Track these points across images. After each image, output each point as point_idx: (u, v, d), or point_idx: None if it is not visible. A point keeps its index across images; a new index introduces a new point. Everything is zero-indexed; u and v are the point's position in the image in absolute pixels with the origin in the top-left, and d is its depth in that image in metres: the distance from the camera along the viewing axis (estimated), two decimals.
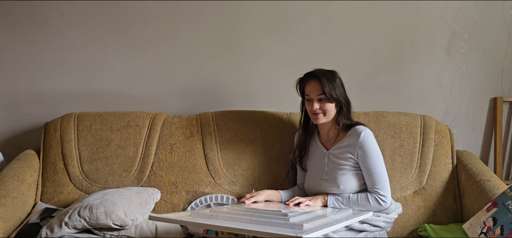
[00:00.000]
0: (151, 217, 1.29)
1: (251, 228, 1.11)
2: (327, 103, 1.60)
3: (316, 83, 1.59)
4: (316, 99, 1.60)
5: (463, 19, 2.13)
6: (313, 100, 1.60)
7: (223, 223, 1.17)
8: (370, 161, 1.58)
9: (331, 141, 1.68)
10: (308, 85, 1.63)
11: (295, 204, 1.57)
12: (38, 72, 2.15)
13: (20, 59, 2.13)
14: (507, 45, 2.16)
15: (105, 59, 2.15)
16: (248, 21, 2.14)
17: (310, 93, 1.61)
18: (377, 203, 1.56)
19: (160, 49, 2.16)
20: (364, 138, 1.59)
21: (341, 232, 1.48)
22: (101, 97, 2.17)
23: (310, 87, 1.61)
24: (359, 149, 1.58)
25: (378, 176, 1.58)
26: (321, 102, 1.60)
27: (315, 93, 1.60)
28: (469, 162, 1.86)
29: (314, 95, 1.60)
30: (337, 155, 1.63)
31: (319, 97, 1.59)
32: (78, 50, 2.14)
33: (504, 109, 2.23)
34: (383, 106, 2.13)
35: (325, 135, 1.70)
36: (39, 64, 2.14)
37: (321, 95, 1.58)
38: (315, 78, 1.60)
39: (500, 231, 1.44)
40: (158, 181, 1.90)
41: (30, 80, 2.15)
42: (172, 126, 1.96)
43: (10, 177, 1.77)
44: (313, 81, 1.61)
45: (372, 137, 1.62)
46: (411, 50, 2.17)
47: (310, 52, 2.16)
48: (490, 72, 2.19)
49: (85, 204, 1.61)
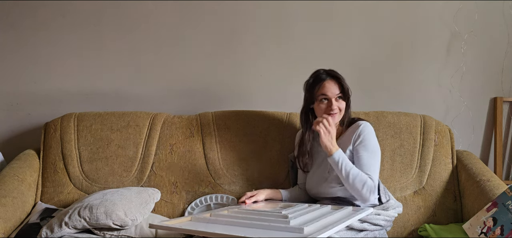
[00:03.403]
0: (151, 225, 1.29)
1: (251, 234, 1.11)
2: (342, 101, 1.61)
3: (335, 83, 1.60)
4: (335, 98, 1.59)
5: (463, 19, 2.14)
6: (330, 99, 1.59)
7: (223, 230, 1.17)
8: (366, 152, 1.56)
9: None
10: (325, 85, 1.60)
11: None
12: (38, 72, 2.15)
13: (20, 60, 2.13)
14: (507, 45, 2.16)
15: (105, 59, 2.15)
16: (248, 21, 2.14)
17: (327, 92, 1.59)
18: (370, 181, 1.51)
19: (160, 49, 2.16)
20: (363, 131, 1.59)
21: (342, 232, 1.48)
22: (101, 97, 2.17)
23: (328, 87, 1.59)
24: (355, 141, 1.59)
25: (374, 167, 1.55)
26: (338, 101, 1.60)
27: (334, 92, 1.59)
28: (469, 162, 1.86)
29: (333, 94, 1.59)
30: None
31: (338, 95, 1.60)
32: (78, 50, 2.14)
33: (504, 109, 2.23)
34: (383, 106, 2.13)
35: None
36: (39, 64, 2.14)
37: (340, 93, 1.59)
38: (333, 78, 1.60)
39: (500, 231, 1.44)
40: (158, 181, 1.90)
41: (30, 80, 2.15)
42: (172, 126, 1.96)
43: (10, 177, 1.77)
44: (331, 81, 1.60)
45: (371, 129, 1.62)
46: (411, 50, 2.18)
47: (310, 52, 2.16)
48: (490, 72, 2.19)
49: (85, 204, 1.61)
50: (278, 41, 2.16)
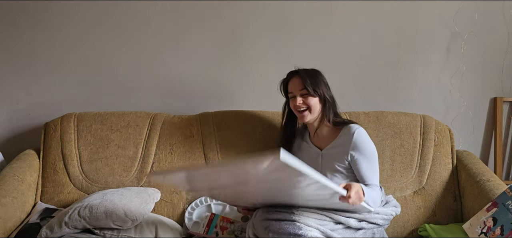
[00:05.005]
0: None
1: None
2: (310, 97, 1.62)
3: (298, 79, 1.64)
4: (298, 94, 1.63)
5: (463, 19, 2.14)
6: (295, 96, 1.64)
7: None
8: (366, 162, 1.57)
9: (324, 141, 1.67)
10: (290, 83, 1.67)
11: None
12: (38, 72, 2.14)
13: (20, 59, 2.13)
14: (507, 45, 2.16)
15: (105, 59, 2.15)
16: (248, 21, 2.14)
17: (292, 90, 1.65)
18: (382, 192, 1.61)
19: (160, 49, 2.15)
20: (358, 139, 1.57)
21: (339, 230, 1.48)
22: (101, 97, 2.17)
23: (292, 84, 1.66)
24: (352, 150, 1.57)
25: (375, 173, 1.58)
26: (304, 98, 1.63)
27: (297, 88, 1.63)
28: (469, 162, 1.86)
29: (296, 90, 1.64)
30: (331, 155, 1.63)
31: (301, 92, 1.62)
32: (78, 50, 2.14)
33: (504, 109, 2.23)
34: (383, 106, 2.13)
35: (316, 134, 1.70)
36: (39, 64, 2.14)
37: (303, 89, 1.62)
38: (296, 75, 1.65)
39: (500, 231, 1.44)
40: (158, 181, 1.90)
41: (30, 80, 2.15)
42: (172, 126, 1.96)
43: (10, 177, 1.77)
44: (295, 78, 1.66)
45: (365, 135, 1.60)
46: (411, 50, 2.18)
47: (310, 52, 2.16)
48: (490, 72, 2.19)
49: (85, 204, 1.61)
50: (278, 41, 2.16)
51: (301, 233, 1.39)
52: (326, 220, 1.47)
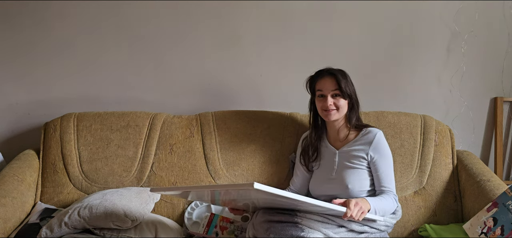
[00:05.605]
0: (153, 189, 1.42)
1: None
2: (341, 99, 1.60)
3: (331, 79, 1.60)
4: (330, 94, 1.60)
5: (463, 19, 2.13)
6: (326, 96, 1.60)
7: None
8: (384, 164, 1.59)
9: (342, 140, 1.67)
10: (321, 81, 1.62)
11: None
12: (38, 72, 2.14)
13: (20, 59, 2.13)
14: (507, 45, 2.16)
15: (105, 59, 2.15)
16: (248, 21, 2.14)
17: (323, 89, 1.61)
18: (394, 202, 1.58)
19: (160, 49, 2.15)
20: (379, 141, 1.60)
21: (342, 233, 1.48)
22: (101, 98, 2.17)
23: (324, 83, 1.61)
24: (372, 151, 1.59)
25: (391, 177, 1.60)
26: (335, 98, 1.60)
27: (329, 88, 1.60)
28: (470, 162, 1.86)
29: (328, 91, 1.60)
30: (349, 154, 1.62)
31: (333, 92, 1.60)
32: (78, 51, 2.14)
33: (504, 109, 2.23)
34: (383, 106, 2.13)
35: (335, 134, 1.68)
36: (39, 64, 2.14)
37: (336, 90, 1.59)
38: (330, 75, 1.61)
39: (501, 231, 1.44)
40: (158, 181, 1.90)
41: (30, 80, 2.15)
42: (172, 126, 1.96)
43: (10, 177, 1.77)
44: (327, 77, 1.61)
45: (384, 139, 1.63)
46: (411, 50, 2.17)
47: (310, 52, 2.16)
48: (490, 72, 2.19)
49: (85, 204, 1.61)
50: (278, 41, 2.16)
51: (303, 235, 1.38)
52: (329, 223, 1.47)
